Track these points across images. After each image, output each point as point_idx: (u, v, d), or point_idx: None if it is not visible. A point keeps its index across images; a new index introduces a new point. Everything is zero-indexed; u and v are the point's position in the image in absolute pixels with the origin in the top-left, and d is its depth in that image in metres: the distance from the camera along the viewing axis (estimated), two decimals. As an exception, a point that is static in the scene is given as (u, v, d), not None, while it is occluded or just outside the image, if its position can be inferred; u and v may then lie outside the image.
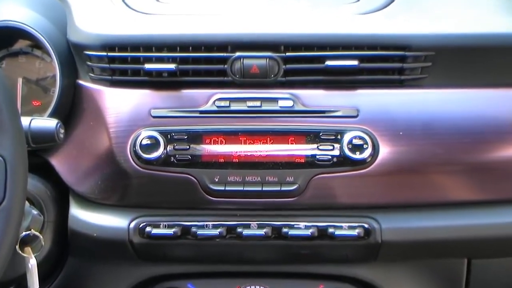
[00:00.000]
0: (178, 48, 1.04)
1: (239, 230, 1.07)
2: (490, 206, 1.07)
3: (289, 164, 1.04)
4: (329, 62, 1.02)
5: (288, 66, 1.03)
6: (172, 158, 1.05)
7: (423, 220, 1.08)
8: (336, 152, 1.03)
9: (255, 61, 1.02)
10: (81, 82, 1.12)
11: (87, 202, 1.12)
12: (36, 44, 1.11)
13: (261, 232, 1.07)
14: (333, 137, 1.04)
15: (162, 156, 1.04)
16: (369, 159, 1.03)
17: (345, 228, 1.06)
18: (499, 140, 1.04)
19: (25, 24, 1.10)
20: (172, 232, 1.07)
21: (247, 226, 1.08)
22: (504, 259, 1.14)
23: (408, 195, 1.06)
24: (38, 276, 1.05)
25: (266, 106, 1.05)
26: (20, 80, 1.14)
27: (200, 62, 1.04)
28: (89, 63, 1.08)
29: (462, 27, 1.08)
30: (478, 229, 1.07)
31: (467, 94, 1.06)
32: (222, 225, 1.08)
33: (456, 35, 1.07)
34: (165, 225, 1.08)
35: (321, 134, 1.04)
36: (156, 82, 1.07)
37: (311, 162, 1.04)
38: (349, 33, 1.07)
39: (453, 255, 1.13)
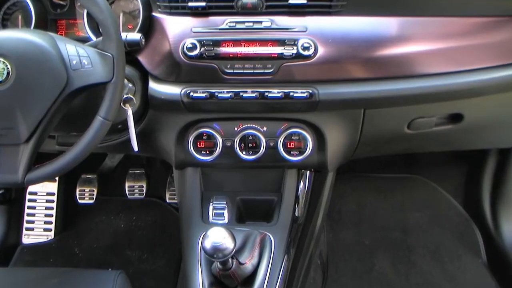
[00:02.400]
0: None
1: (241, 94, 1.37)
2: (376, 81, 1.39)
3: (269, 57, 1.34)
4: (291, 1, 1.30)
5: (268, 3, 1.32)
6: (204, 54, 1.34)
7: (341, 88, 1.39)
8: (295, 51, 1.33)
9: (250, 0, 1.32)
10: (154, 14, 1.37)
11: (158, 80, 1.41)
12: None
13: (253, 95, 1.38)
14: (293, 42, 1.32)
15: (198, 54, 1.34)
16: (312, 54, 1.33)
17: (299, 93, 1.37)
18: (383, 46, 1.33)
19: None
20: (204, 96, 1.37)
21: (245, 92, 1.38)
22: (383, 109, 1.47)
23: (333, 75, 1.37)
24: (133, 120, 1.38)
25: (256, 25, 1.34)
26: (121, 14, 1.41)
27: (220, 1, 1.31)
28: (158, 3, 1.35)
29: None
30: (371, 93, 1.40)
31: (369, 20, 1.34)
32: (232, 92, 1.38)
33: None
34: (200, 92, 1.38)
35: (286, 40, 1.33)
36: (195, 12, 1.33)
37: (280, 56, 1.34)
38: None
39: (356, 107, 1.47)
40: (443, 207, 2.17)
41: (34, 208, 2.14)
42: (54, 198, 2.18)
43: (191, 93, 1.39)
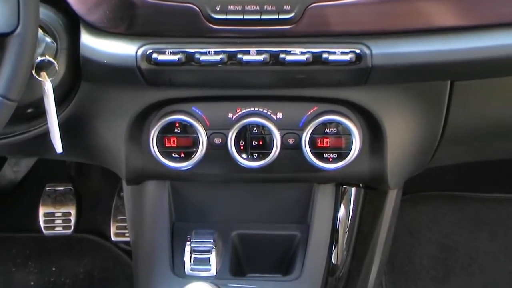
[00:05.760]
0: None
1: (239, 56, 1.49)
2: (472, 31, 1.49)
3: None
4: None
5: None
6: None
7: (410, 46, 1.50)
8: None
9: None
10: None
11: (97, 31, 1.54)
12: None
13: (260, 58, 1.49)
14: None
15: None
16: None
17: (338, 53, 1.48)
18: None
19: None
20: (177, 59, 1.49)
21: (247, 53, 1.50)
22: (483, 81, 1.59)
23: (396, 22, 1.49)
24: (54, 100, 1.50)
25: None
26: None
27: None
28: None
29: None
30: (462, 53, 1.49)
31: None
32: (224, 52, 1.50)
33: None
34: (170, 52, 1.50)
35: None
36: None
37: None
38: None
39: (437, 78, 1.59)
40: None
41: None
42: None
43: (155, 54, 1.51)
